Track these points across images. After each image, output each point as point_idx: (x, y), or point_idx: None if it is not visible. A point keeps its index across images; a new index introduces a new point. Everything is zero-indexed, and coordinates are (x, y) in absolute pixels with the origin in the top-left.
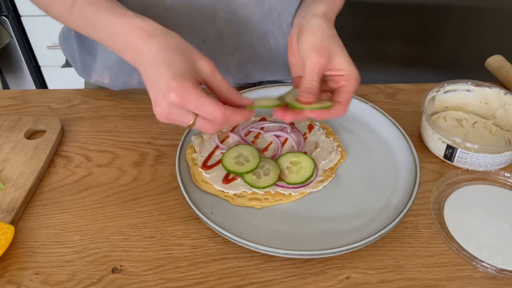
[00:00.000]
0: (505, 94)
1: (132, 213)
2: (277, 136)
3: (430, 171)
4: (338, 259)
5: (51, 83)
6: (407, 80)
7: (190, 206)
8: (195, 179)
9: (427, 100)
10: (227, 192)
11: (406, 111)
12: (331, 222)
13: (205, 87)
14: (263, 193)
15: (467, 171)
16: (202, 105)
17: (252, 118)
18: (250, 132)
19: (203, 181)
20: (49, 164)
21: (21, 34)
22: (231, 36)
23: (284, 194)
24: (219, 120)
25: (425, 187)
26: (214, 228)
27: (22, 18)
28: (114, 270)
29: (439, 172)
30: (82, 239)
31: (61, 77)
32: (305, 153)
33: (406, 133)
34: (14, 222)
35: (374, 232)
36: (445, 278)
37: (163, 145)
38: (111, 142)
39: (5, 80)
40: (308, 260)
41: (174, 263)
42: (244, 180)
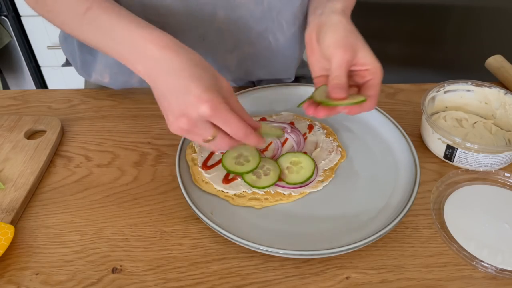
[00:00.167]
0: (505, 94)
1: (132, 213)
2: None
3: (430, 171)
4: (338, 259)
5: (51, 83)
6: (407, 80)
7: (190, 206)
8: (195, 179)
9: (427, 100)
10: (227, 192)
11: (406, 111)
12: (331, 222)
13: None
14: (263, 193)
15: (467, 171)
16: (231, 120)
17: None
18: None
19: (203, 181)
20: (49, 164)
21: (21, 34)
22: (231, 34)
23: (284, 194)
24: (240, 137)
25: (425, 187)
26: (214, 228)
27: (22, 18)
28: (114, 270)
29: (439, 172)
30: (82, 239)
31: (61, 77)
32: (305, 153)
33: (406, 133)
34: (14, 222)
35: (374, 232)
36: (445, 278)
37: (163, 145)
38: (111, 142)
39: (5, 80)
40: (308, 260)
41: (174, 263)
42: (244, 180)
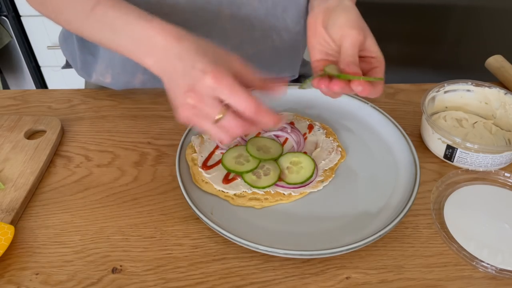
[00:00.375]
0: (505, 94)
1: (132, 213)
2: (277, 136)
3: (430, 171)
4: (338, 259)
5: (51, 83)
6: (407, 80)
7: (190, 206)
8: (195, 179)
9: (427, 100)
10: (227, 192)
11: (406, 111)
12: (331, 222)
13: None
14: (263, 193)
15: (467, 171)
16: (237, 92)
17: None
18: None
19: (203, 181)
20: (49, 164)
21: (21, 34)
22: (235, 32)
23: (284, 194)
24: (251, 111)
25: (425, 187)
26: (214, 228)
27: (22, 18)
28: (114, 270)
29: (439, 172)
30: (82, 239)
31: (61, 77)
32: (305, 153)
33: (406, 133)
34: (14, 222)
35: (374, 232)
36: (445, 278)
37: (163, 145)
38: (111, 142)
39: (5, 80)
40: (308, 260)
41: (174, 263)
42: (244, 180)
